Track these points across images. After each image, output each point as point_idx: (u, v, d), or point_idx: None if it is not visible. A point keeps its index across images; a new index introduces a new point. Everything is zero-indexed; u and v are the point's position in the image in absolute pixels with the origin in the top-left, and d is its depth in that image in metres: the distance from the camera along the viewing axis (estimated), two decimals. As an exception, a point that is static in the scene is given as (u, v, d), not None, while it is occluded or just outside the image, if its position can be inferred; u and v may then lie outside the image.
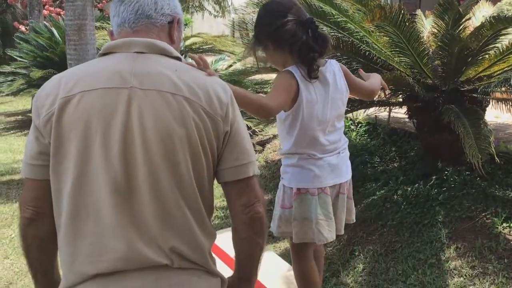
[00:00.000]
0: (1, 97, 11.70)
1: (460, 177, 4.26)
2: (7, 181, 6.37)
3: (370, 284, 3.57)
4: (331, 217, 2.11)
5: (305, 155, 2.07)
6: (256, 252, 1.51)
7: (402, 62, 4.15)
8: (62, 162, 1.32)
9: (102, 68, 1.37)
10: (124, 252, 1.29)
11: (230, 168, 1.41)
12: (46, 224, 1.38)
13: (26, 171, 1.38)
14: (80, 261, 1.31)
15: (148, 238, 1.31)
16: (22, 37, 10.55)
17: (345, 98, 2.15)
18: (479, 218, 3.85)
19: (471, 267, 3.47)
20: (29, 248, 1.42)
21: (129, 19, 1.42)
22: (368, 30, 4.17)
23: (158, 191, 1.32)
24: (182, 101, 1.32)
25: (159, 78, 1.34)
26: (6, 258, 4.23)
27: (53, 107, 1.31)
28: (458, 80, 4.19)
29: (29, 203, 1.37)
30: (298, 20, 1.96)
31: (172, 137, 1.31)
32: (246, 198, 1.42)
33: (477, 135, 3.61)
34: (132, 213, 1.30)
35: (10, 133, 9.44)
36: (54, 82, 1.37)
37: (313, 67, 1.98)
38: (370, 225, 4.30)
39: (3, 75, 10.33)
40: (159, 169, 1.31)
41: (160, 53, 1.40)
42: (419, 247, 3.79)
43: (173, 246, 1.33)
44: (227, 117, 1.39)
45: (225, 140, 1.39)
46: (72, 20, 5.94)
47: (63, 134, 1.31)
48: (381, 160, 5.44)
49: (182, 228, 1.35)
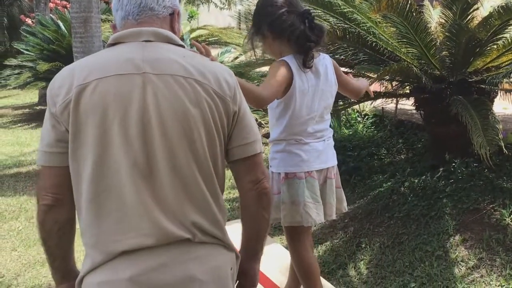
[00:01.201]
0: (8, 90, 11.76)
1: (467, 169, 4.24)
2: (14, 173, 6.40)
3: (377, 276, 3.56)
4: (318, 201, 2.18)
5: (293, 141, 2.16)
6: (264, 227, 1.60)
7: (409, 53, 4.12)
8: (81, 147, 1.36)
9: (113, 57, 1.43)
10: (149, 229, 1.36)
11: (239, 146, 1.50)
12: (65, 209, 1.43)
13: (44, 159, 1.41)
14: (106, 240, 1.37)
15: (170, 214, 1.38)
16: (28, 30, 10.57)
17: (334, 91, 2.25)
18: (486, 210, 3.83)
19: (479, 259, 3.45)
20: (49, 235, 1.46)
21: (133, 11, 1.48)
22: (375, 21, 4.14)
23: (177, 169, 1.38)
24: (194, 83, 1.40)
25: (170, 64, 1.41)
26: (14, 250, 4.26)
27: (69, 95, 1.36)
28: (466, 71, 4.16)
29: (48, 190, 1.41)
30: (296, 11, 2.04)
31: (187, 117, 1.38)
32: (254, 175, 1.51)
33: (485, 126, 3.59)
34: (153, 191, 1.37)
35: (17, 126, 9.48)
36: (67, 72, 1.42)
37: (309, 57, 2.07)
38: (377, 217, 4.29)
39: (10, 68, 10.37)
40: (177, 148, 1.38)
41: (166, 41, 1.47)
42: (426, 239, 3.77)
43: (194, 220, 1.41)
44: (235, 98, 1.48)
45: (234, 120, 1.48)
46: (78, 13, 5.93)
47: (81, 120, 1.35)
48: (388, 152, 5.42)
49: (200, 203, 1.42)
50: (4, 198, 5.49)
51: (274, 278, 2.87)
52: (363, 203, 4.61)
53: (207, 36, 9.47)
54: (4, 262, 4.05)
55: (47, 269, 3.89)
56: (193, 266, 1.41)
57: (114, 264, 1.37)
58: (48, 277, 3.78)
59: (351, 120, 6.30)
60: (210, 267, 1.44)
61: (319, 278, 2.33)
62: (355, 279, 3.60)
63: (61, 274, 1.56)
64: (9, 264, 4.00)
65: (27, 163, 6.86)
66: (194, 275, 1.40)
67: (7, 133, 8.92)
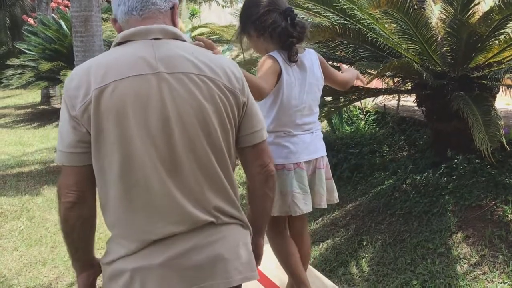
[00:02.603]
0: (10, 90, 11.77)
1: (469, 165, 4.21)
2: (17, 173, 6.41)
3: (379, 274, 3.54)
4: (306, 191, 2.27)
5: (281, 133, 2.25)
6: (269, 205, 1.75)
7: (410, 49, 4.09)
8: (104, 147, 1.43)
9: (127, 57, 1.47)
10: (178, 218, 1.48)
11: (249, 134, 1.61)
12: (88, 205, 1.51)
13: (66, 159, 1.46)
14: (139, 230, 1.47)
15: (194, 201, 1.49)
16: (30, 30, 10.58)
17: (321, 85, 2.33)
18: (489, 207, 3.80)
19: (481, 256, 3.43)
20: (72, 229, 1.54)
21: (136, 6, 1.52)
22: (375, 17, 4.12)
23: (197, 160, 1.49)
24: (206, 80, 1.49)
25: (181, 61, 1.48)
26: (15, 250, 4.26)
27: (88, 97, 1.41)
28: (467, 66, 4.13)
29: (71, 188, 1.47)
30: (278, 9, 2.15)
31: (203, 112, 1.48)
32: (262, 160, 1.65)
33: (487, 122, 3.56)
34: (177, 181, 1.47)
35: (20, 126, 9.50)
36: (82, 73, 1.46)
37: (292, 52, 2.16)
38: (379, 214, 4.27)
39: (12, 68, 10.38)
40: (196, 141, 1.48)
41: (173, 37, 1.54)
42: (428, 236, 3.75)
43: (215, 204, 1.53)
44: (244, 90, 1.59)
45: (243, 110, 1.59)
46: (78, 12, 5.93)
47: (102, 122, 1.41)
48: (389, 149, 5.40)
49: (219, 188, 1.55)
50: (6, 198, 5.49)
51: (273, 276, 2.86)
52: (365, 201, 4.59)
53: (208, 34, 9.47)
54: (5, 261, 4.06)
55: (48, 268, 3.89)
56: (218, 246, 1.53)
57: (146, 252, 1.48)
58: (49, 276, 3.78)
59: (352, 117, 6.28)
60: (232, 245, 1.57)
61: (298, 258, 2.40)
62: (357, 277, 3.59)
63: (81, 264, 1.65)
64: (10, 264, 4.00)
65: (29, 163, 6.87)
66: (220, 254, 1.53)
67: (9, 133, 8.94)
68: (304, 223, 2.41)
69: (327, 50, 4.64)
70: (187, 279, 1.50)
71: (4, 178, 6.23)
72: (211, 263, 1.52)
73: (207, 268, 1.52)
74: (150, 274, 1.47)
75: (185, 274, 1.49)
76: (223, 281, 1.54)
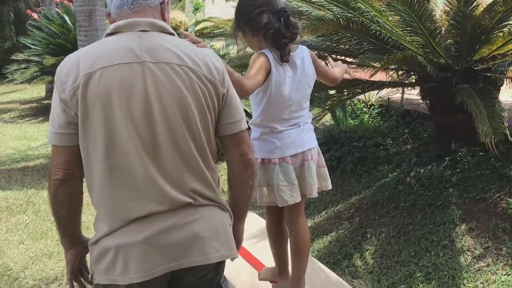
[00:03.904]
0: (15, 85, 11.78)
1: (474, 158, 4.21)
2: (22, 167, 6.45)
3: (383, 266, 3.55)
4: (293, 183, 2.35)
5: (267, 130, 2.35)
6: (248, 192, 1.84)
7: (414, 42, 4.08)
8: (90, 130, 1.54)
9: (114, 46, 1.59)
10: (157, 197, 1.58)
11: (228, 123, 1.71)
12: (75, 183, 1.62)
13: (56, 139, 1.58)
14: (121, 209, 1.58)
15: (172, 183, 1.60)
16: (34, 25, 10.57)
17: (312, 81, 2.40)
18: (493, 199, 3.81)
19: (485, 249, 3.43)
20: (61, 206, 1.65)
21: (127, 1, 1.64)
22: (378, 10, 4.11)
23: (177, 145, 1.60)
24: (187, 70, 1.60)
25: (165, 52, 1.59)
26: (21, 243, 4.29)
27: (77, 83, 1.52)
28: (471, 59, 4.12)
29: (60, 166, 1.59)
30: (272, 9, 2.21)
31: (183, 100, 1.58)
32: (241, 148, 1.74)
33: (491, 114, 3.55)
34: (158, 164, 1.58)
35: (24, 121, 9.53)
36: (72, 61, 1.58)
37: (284, 52, 2.23)
38: (383, 207, 4.27)
39: (17, 63, 10.40)
40: (176, 127, 1.59)
41: (160, 30, 1.65)
42: (431, 228, 3.76)
43: (193, 187, 1.64)
44: (224, 82, 1.68)
45: (223, 101, 1.69)
46: (82, 6, 5.94)
47: (89, 105, 1.52)
48: (393, 142, 5.40)
49: (197, 172, 1.65)
50: (11, 192, 5.53)
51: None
52: (369, 194, 4.60)
53: (212, 28, 9.45)
54: (11, 255, 4.09)
55: (54, 261, 3.92)
56: (196, 225, 1.64)
57: (128, 229, 1.59)
58: (55, 269, 3.81)
59: (356, 110, 6.27)
60: (210, 225, 1.67)
61: (286, 245, 2.56)
62: (361, 269, 3.60)
63: (69, 240, 1.76)
64: (16, 257, 4.03)
65: (34, 157, 6.90)
66: (198, 233, 1.64)
67: (14, 127, 8.97)
68: (293, 213, 2.47)
69: (331, 43, 4.63)
70: (167, 256, 1.60)
71: (9, 172, 6.27)
72: (189, 242, 1.62)
73: (186, 246, 1.62)
74: (132, 250, 1.57)
75: (165, 251, 1.59)
76: (200, 259, 1.64)
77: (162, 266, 1.60)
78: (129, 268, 1.57)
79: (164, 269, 1.60)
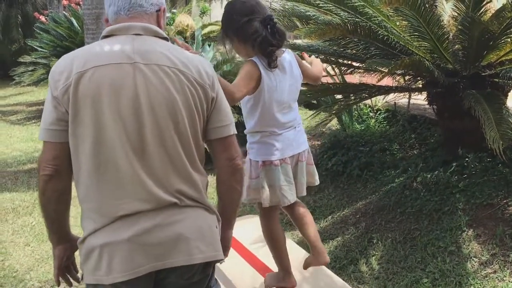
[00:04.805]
0: (22, 87, 11.83)
1: (481, 164, 4.19)
2: (28, 169, 6.46)
3: (389, 272, 3.54)
4: (292, 182, 2.45)
5: (267, 133, 2.40)
6: (236, 197, 1.87)
7: (422, 47, 4.07)
8: (79, 127, 1.58)
9: (108, 47, 1.64)
10: (142, 196, 1.61)
11: (217, 127, 1.74)
12: (63, 179, 1.65)
13: (46, 135, 1.62)
14: (107, 205, 1.61)
15: (159, 183, 1.63)
16: (42, 27, 10.63)
17: (299, 83, 2.48)
18: (500, 205, 3.79)
19: (492, 255, 3.41)
20: (49, 201, 1.68)
21: (124, 7, 1.71)
22: (386, 14, 4.10)
23: (164, 146, 1.63)
24: (177, 72, 1.64)
25: (157, 55, 1.64)
26: (27, 245, 4.30)
27: (69, 81, 1.57)
28: (479, 64, 4.10)
29: (49, 162, 1.62)
30: (259, 18, 2.25)
31: (173, 101, 1.62)
32: (229, 153, 1.76)
33: (499, 120, 3.54)
34: (144, 164, 1.61)
35: (31, 123, 9.56)
36: (66, 61, 1.64)
37: (272, 59, 2.28)
38: (389, 212, 4.26)
39: (24, 65, 10.45)
40: (164, 127, 1.62)
41: (154, 35, 1.71)
42: (438, 234, 3.74)
43: (178, 188, 1.66)
44: (213, 86, 1.72)
45: (212, 105, 1.72)
46: (90, 9, 5.97)
47: (79, 103, 1.57)
48: (400, 147, 5.38)
49: (183, 173, 1.67)
50: (18, 194, 5.54)
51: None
52: (375, 199, 4.58)
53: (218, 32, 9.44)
54: (17, 257, 4.10)
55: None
56: (180, 226, 1.66)
57: (114, 227, 1.61)
58: (61, 271, 3.81)
59: (363, 115, 6.25)
60: (195, 226, 1.69)
61: (285, 245, 2.60)
62: (367, 275, 3.59)
63: (58, 236, 1.79)
64: (22, 259, 4.04)
65: (40, 159, 6.91)
66: (182, 233, 1.65)
67: (21, 129, 9.00)
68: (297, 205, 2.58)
69: (338, 48, 4.62)
70: (151, 255, 1.61)
71: (16, 174, 6.29)
72: (174, 242, 1.64)
73: (170, 246, 1.63)
74: (116, 249, 1.59)
75: (149, 251, 1.61)
76: (184, 259, 1.65)
77: (146, 266, 1.61)
78: (113, 267, 1.59)
79: (148, 268, 1.61)
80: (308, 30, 3.81)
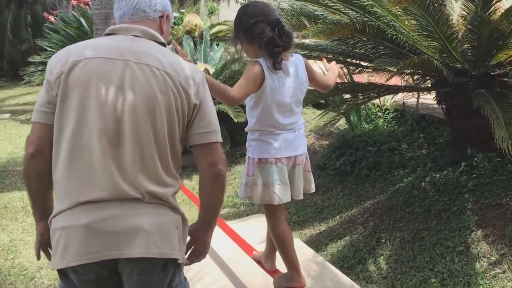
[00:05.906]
0: (32, 86, 11.92)
1: (490, 163, 4.17)
2: (38, 168, 6.49)
3: (397, 272, 3.53)
4: (286, 183, 2.50)
5: (266, 131, 2.47)
6: (217, 203, 1.89)
7: (430, 46, 4.06)
8: (65, 111, 1.68)
9: (105, 43, 1.76)
10: (107, 186, 1.66)
11: (198, 133, 1.79)
12: (45, 160, 1.74)
13: (36, 117, 1.74)
14: (74, 190, 1.67)
15: (126, 178, 1.68)
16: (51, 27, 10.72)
17: (304, 88, 2.54)
18: (509, 205, 3.77)
19: (501, 255, 3.40)
20: (31, 180, 1.79)
21: (128, 12, 1.83)
22: (395, 14, 4.09)
23: (139, 140, 1.69)
24: (164, 74, 1.72)
25: (148, 56, 1.73)
26: (37, 243, 4.32)
27: (63, 68, 1.69)
28: (488, 64, 4.08)
29: (33, 142, 1.73)
30: (267, 20, 2.35)
31: (154, 101, 1.69)
32: (211, 159, 1.80)
33: (508, 120, 3.52)
34: (116, 157, 1.67)
35: (41, 122, 9.61)
36: (65, 51, 1.76)
37: (277, 60, 2.36)
38: (397, 212, 4.25)
39: (34, 65, 10.54)
40: (142, 124, 1.68)
41: (151, 38, 1.81)
42: (447, 234, 3.73)
43: (145, 187, 1.70)
44: (198, 93, 1.78)
45: (194, 111, 1.78)
46: (99, 9, 6.00)
47: (68, 89, 1.68)
48: (408, 147, 5.37)
49: (153, 172, 1.72)
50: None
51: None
52: (383, 198, 4.57)
53: (226, 32, 9.47)
54: (27, 255, 4.13)
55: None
56: (140, 219, 1.69)
57: (74, 212, 1.66)
58: (70, 270, 3.83)
59: (371, 115, 6.25)
60: (155, 221, 1.71)
61: (293, 245, 2.61)
62: (375, 274, 3.59)
63: (40, 214, 1.87)
64: (32, 257, 4.07)
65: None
66: (141, 226, 1.68)
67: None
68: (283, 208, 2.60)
69: (346, 47, 4.62)
70: (107, 244, 1.65)
71: (25, 173, 6.32)
72: (131, 233, 1.67)
73: (127, 237, 1.66)
74: (73, 233, 1.64)
75: (105, 238, 1.65)
76: (140, 251, 1.67)
77: (102, 253, 1.64)
78: (68, 251, 1.64)
79: (103, 256, 1.64)
80: (317, 29, 3.81)
